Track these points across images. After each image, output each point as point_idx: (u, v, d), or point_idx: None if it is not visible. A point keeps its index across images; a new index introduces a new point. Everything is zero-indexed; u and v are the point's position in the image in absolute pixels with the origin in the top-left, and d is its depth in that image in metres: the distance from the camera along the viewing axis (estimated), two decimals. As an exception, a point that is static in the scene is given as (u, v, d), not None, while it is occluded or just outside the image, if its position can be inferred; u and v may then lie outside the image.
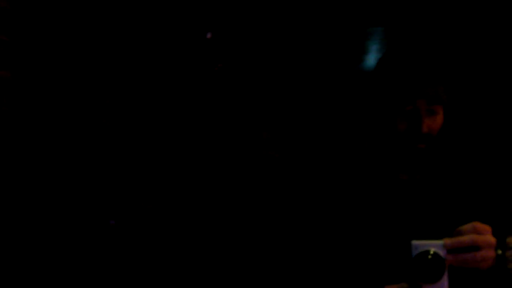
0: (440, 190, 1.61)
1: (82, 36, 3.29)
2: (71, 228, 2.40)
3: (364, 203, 1.56)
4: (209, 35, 3.84)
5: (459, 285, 1.31)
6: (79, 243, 2.29)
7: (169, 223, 2.28)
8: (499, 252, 1.35)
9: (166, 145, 2.46)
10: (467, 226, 1.31)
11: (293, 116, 3.32)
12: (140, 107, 3.28)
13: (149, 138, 2.94)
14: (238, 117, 3.40)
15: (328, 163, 1.69)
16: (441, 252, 1.27)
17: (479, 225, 1.32)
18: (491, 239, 1.32)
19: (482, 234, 1.31)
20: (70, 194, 2.64)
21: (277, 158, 2.66)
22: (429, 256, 1.26)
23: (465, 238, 1.29)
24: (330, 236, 1.53)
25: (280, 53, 4.01)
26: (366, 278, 1.46)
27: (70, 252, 2.30)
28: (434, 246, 1.28)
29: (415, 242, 1.28)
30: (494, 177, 2.26)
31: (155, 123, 3.18)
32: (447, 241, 1.28)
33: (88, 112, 3.08)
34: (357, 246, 1.50)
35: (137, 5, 3.46)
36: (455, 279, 1.29)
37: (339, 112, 3.80)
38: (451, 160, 1.68)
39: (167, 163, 2.40)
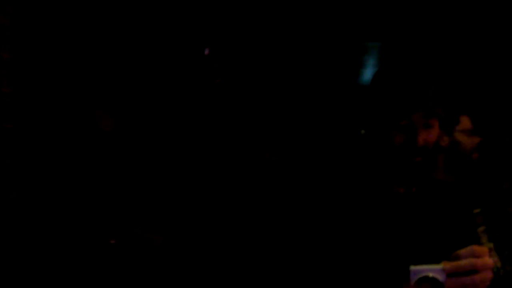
0: (435, 203, 1.62)
1: (90, 53, 3.31)
2: (73, 229, 2.41)
3: (361, 216, 1.56)
4: (207, 51, 3.86)
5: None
6: (80, 244, 2.30)
7: (170, 224, 2.28)
8: (495, 270, 1.37)
9: (168, 152, 2.47)
10: (465, 250, 1.32)
11: (291, 130, 3.33)
12: (141, 122, 3.30)
13: (152, 148, 2.96)
14: (238, 133, 3.42)
15: (325, 175, 1.69)
16: (440, 277, 1.28)
17: (477, 248, 1.33)
18: (488, 261, 1.33)
19: (480, 257, 1.32)
20: (71, 196, 2.66)
21: (277, 171, 2.67)
22: (429, 282, 1.27)
23: (464, 263, 1.30)
24: (325, 253, 1.54)
25: (279, 67, 4.03)
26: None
27: (71, 253, 2.30)
28: (433, 272, 1.28)
29: (413, 268, 1.29)
30: (488, 188, 2.29)
31: (157, 134, 3.20)
32: (446, 265, 1.29)
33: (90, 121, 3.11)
34: (353, 264, 1.51)
35: (138, 21, 3.47)
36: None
37: (337, 124, 3.82)
38: (446, 173, 1.70)
39: (169, 169, 2.41)
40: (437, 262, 1.30)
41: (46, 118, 3.06)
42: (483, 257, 1.32)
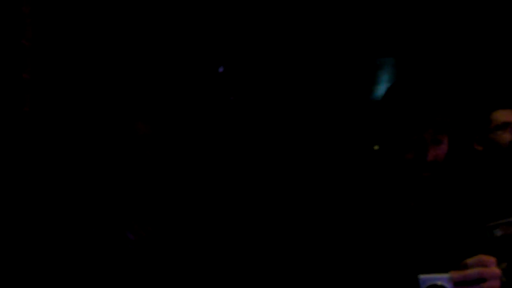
0: (444, 216, 1.64)
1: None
2: (75, 230, 2.44)
3: (372, 228, 1.59)
4: (221, 69, 3.90)
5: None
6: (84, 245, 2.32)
7: (167, 226, 2.30)
8: (504, 280, 1.39)
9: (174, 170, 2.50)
10: (473, 259, 1.34)
11: (302, 144, 3.36)
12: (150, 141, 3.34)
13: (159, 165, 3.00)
14: (248, 147, 3.45)
15: (337, 187, 1.73)
16: (448, 286, 1.30)
17: (484, 257, 1.35)
18: (496, 270, 1.35)
19: (488, 266, 1.34)
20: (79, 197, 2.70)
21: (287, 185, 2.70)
22: None
23: (472, 271, 1.32)
24: (336, 263, 1.56)
25: (293, 83, 4.06)
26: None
27: (76, 254, 2.33)
28: (441, 280, 1.31)
29: (422, 277, 1.31)
30: (496, 204, 2.30)
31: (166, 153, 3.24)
32: (454, 274, 1.31)
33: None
34: (364, 276, 1.53)
35: (151, 36, 3.53)
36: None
37: (350, 139, 3.84)
38: (455, 188, 1.72)
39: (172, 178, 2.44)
40: (445, 271, 1.33)
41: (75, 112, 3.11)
42: (490, 266, 1.35)
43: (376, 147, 1.90)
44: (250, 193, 2.72)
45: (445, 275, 1.31)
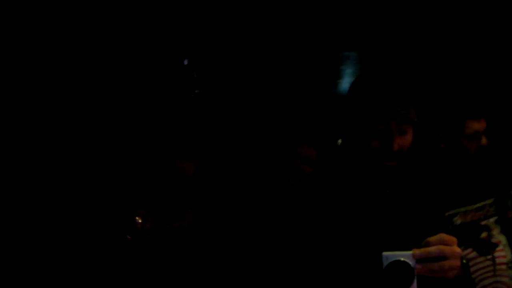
0: (408, 203, 1.68)
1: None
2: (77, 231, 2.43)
3: (337, 217, 1.61)
4: (186, 62, 3.89)
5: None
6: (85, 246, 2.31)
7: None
8: (464, 261, 1.42)
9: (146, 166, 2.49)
10: (435, 238, 1.37)
11: (270, 137, 3.38)
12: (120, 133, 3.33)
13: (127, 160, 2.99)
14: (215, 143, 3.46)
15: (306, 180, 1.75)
16: (411, 262, 1.33)
17: (446, 236, 1.38)
18: (457, 249, 1.38)
19: (449, 245, 1.37)
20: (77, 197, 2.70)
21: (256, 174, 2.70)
22: (399, 266, 1.32)
23: (433, 249, 1.35)
24: (303, 249, 1.58)
25: (257, 78, 4.07)
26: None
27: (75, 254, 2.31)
28: (404, 256, 1.33)
29: (385, 253, 1.34)
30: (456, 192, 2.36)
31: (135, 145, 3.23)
32: (416, 251, 1.34)
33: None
34: (329, 259, 1.55)
35: (116, 30, 3.51)
36: (424, 287, 1.35)
37: (314, 130, 3.87)
38: (418, 176, 1.75)
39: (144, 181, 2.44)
40: (408, 249, 1.35)
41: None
42: (452, 245, 1.38)
43: (339, 141, 1.93)
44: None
45: (407, 252, 1.34)
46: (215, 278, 2.21)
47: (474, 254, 2.30)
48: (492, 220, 2.36)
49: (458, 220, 2.36)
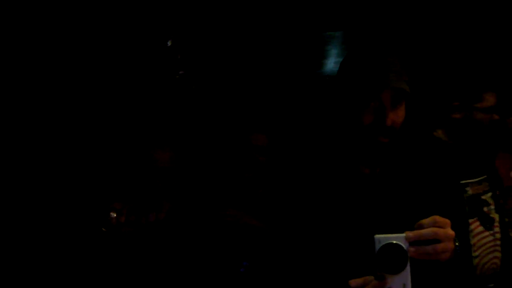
0: (400, 183, 1.66)
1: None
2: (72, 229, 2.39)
3: (328, 198, 1.59)
4: (169, 43, 3.85)
5: (420, 275, 1.35)
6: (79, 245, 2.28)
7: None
8: (457, 244, 1.40)
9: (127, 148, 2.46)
10: (428, 220, 1.35)
11: (258, 116, 3.36)
12: (104, 114, 3.29)
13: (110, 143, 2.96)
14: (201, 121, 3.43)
15: (294, 159, 1.72)
16: (404, 245, 1.31)
17: (439, 218, 1.36)
18: (450, 232, 1.36)
19: (442, 228, 1.35)
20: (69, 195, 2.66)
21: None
22: (392, 248, 1.30)
23: (427, 231, 1.33)
24: (295, 231, 1.56)
25: (243, 58, 4.03)
26: (330, 272, 1.49)
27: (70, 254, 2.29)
28: (397, 239, 1.32)
29: (378, 236, 1.32)
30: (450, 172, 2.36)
31: (118, 128, 3.19)
32: (409, 234, 1.32)
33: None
34: (321, 241, 1.53)
35: (99, 11, 3.45)
36: (417, 270, 1.33)
37: (303, 111, 3.86)
38: (411, 154, 1.73)
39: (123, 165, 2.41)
40: (401, 231, 1.34)
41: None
42: (445, 228, 1.36)
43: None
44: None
45: (400, 235, 1.33)
46: (191, 270, 2.20)
47: (480, 228, 2.33)
48: (489, 195, 2.39)
49: (470, 191, 2.38)
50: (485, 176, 2.42)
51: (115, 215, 2.12)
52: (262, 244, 1.65)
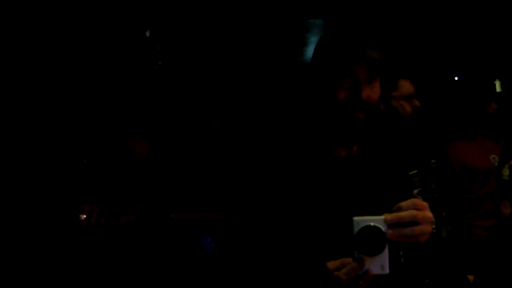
0: (377, 164, 1.64)
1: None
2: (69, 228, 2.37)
3: (304, 181, 1.57)
4: (147, 33, 3.82)
5: (399, 258, 1.34)
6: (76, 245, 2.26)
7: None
8: (434, 227, 1.40)
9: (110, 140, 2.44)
10: (406, 202, 1.34)
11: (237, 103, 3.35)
12: (85, 107, 3.26)
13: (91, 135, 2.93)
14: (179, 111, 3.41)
15: (267, 144, 1.70)
16: (382, 227, 1.30)
17: (418, 201, 1.35)
18: (429, 214, 1.35)
19: (421, 210, 1.34)
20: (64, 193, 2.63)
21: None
22: (371, 231, 1.29)
23: (405, 214, 1.32)
24: (270, 216, 1.54)
25: (223, 48, 4.02)
26: (308, 255, 1.47)
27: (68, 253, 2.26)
28: (375, 221, 1.31)
29: (356, 218, 1.30)
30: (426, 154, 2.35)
31: (99, 120, 3.16)
32: (388, 216, 1.31)
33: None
34: (298, 224, 1.52)
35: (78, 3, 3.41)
36: (395, 252, 1.32)
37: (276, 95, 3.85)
38: (386, 135, 1.72)
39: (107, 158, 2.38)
40: (379, 214, 1.32)
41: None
42: (423, 210, 1.35)
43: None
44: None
45: (379, 217, 1.31)
46: (162, 273, 2.19)
47: None
48: (416, 191, 2.37)
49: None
50: (416, 171, 2.39)
51: (84, 216, 2.10)
52: (230, 233, 1.63)
